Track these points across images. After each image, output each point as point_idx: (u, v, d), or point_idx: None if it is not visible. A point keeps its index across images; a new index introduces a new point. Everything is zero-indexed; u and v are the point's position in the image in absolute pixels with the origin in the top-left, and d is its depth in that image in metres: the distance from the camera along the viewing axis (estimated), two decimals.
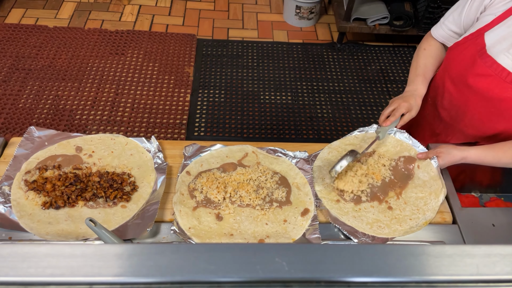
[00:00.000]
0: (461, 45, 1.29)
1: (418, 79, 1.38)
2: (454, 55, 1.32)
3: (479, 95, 1.27)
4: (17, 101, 2.85)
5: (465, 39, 1.27)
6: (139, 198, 1.20)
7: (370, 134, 1.42)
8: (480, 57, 1.20)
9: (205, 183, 1.23)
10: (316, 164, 1.34)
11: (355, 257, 0.36)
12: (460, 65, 1.30)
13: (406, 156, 1.35)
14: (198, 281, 0.33)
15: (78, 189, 1.17)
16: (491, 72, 1.20)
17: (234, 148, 1.37)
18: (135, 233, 1.10)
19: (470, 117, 1.36)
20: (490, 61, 1.19)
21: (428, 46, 1.44)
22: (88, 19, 3.57)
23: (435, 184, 1.26)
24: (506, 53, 1.17)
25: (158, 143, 1.33)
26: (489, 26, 1.19)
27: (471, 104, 1.33)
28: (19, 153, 1.27)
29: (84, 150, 1.31)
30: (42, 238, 1.09)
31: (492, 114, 1.31)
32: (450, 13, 1.36)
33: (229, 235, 1.14)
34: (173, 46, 3.40)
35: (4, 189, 1.18)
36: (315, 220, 1.17)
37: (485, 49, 1.19)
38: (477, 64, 1.22)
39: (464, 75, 1.28)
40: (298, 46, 3.56)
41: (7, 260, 0.32)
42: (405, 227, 1.18)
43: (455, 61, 1.32)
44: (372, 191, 1.26)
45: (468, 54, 1.25)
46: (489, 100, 1.26)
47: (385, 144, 1.39)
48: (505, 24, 1.16)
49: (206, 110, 2.97)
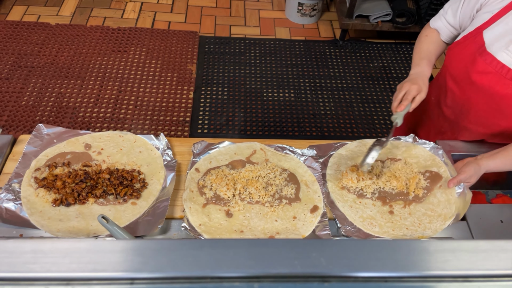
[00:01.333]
0: (460, 43, 1.30)
1: (423, 62, 1.38)
2: (455, 54, 1.33)
3: (481, 92, 1.28)
4: (20, 99, 2.85)
5: (465, 38, 1.28)
6: (149, 195, 1.20)
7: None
8: (480, 55, 1.21)
9: (215, 180, 1.24)
10: (339, 152, 1.36)
11: (391, 252, 0.36)
12: (461, 63, 1.31)
13: (434, 172, 1.30)
14: (237, 277, 0.33)
15: (88, 186, 1.17)
16: (491, 69, 1.21)
17: (242, 145, 1.38)
18: (146, 230, 1.11)
19: (474, 114, 1.37)
20: (489, 58, 1.20)
21: (429, 33, 1.45)
22: (90, 16, 3.56)
23: (448, 208, 1.21)
24: (505, 50, 1.18)
25: (167, 141, 1.33)
26: (487, 24, 1.20)
27: (474, 102, 1.34)
28: (28, 150, 1.27)
29: (93, 148, 1.31)
30: (53, 235, 1.09)
31: (495, 111, 1.32)
32: (449, 6, 1.38)
33: (239, 231, 1.14)
34: (175, 43, 3.39)
35: (14, 186, 1.18)
36: (325, 217, 1.18)
37: (485, 46, 1.20)
38: (477, 62, 1.23)
39: (465, 72, 1.29)
40: (301, 43, 3.55)
41: (48, 255, 0.33)
42: (397, 233, 1.16)
43: (455, 59, 1.33)
44: (380, 193, 1.26)
45: (468, 52, 1.26)
46: (491, 97, 1.27)
47: (416, 155, 1.35)
48: (502, 21, 1.17)
49: (209, 107, 2.97)
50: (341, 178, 1.27)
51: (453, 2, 1.37)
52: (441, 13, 1.42)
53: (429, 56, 1.41)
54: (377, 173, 1.27)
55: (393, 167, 1.30)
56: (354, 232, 1.16)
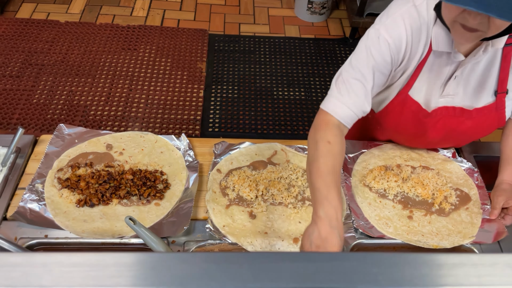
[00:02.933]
0: (391, 111, 1.21)
1: (331, 193, 0.95)
2: (394, 122, 1.23)
3: (444, 138, 1.26)
4: (31, 97, 2.85)
5: (392, 105, 1.19)
6: (172, 196, 1.20)
7: None
8: (425, 117, 1.18)
9: (237, 181, 1.23)
10: (372, 151, 1.36)
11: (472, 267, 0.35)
12: (408, 128, 1.24)
13: (464, 193, 1.26)
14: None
15: (112, 187, 1.17)
16: (441, 117, 1.18)
17: (262, 146, 1.37)
18: (171, 231, 1.11)
19: (438, 146, 1.38)
20: (434, 113, 1.18)
21: (332, 137, 1.03)
22: (99, 14, 3.55)
23: (470, 229, 1.18)
24: (441, 96, 1.15)
25: (189, 141, 1.33)
26: (409, 86, 1.14)
27: (441, 143, 1.33)
28: (50, 150, 1.27)
29: (114, 148, 1.31)
30: (78, 235, 1.09)
31: (458, 142, 1.34)
32: (353, 95, 1.06)
33: (263, 233, 1.14)
34: (185, 41, 3.38)
35: (38, 186, 1.18)
36: (348, 219, 1.18)
37: (423, 108, 1.17)
38: (425, 123, 1.20)
39: (418, 133, 1.25)
40: (310, 41, 3.54)
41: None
42: (411, 237, 1.15)
43: (399, 126, 1.25)
44: (403, 197, 1.24)
45: (409, 118, 1.19)
46: (456, 137, 1.27)
47: (450, 170, 1.32)
48: (420, 78, 1.13)
49: (219, 106, 2.96)
50: (366, 176, 1.27)
51: (352, 89, 1.06)
52: (345, 103, 1.06)
53: (337, 182, 0.99)
54: (405, 177, 1.27)
55: (423, 174, 1.27)
56: (367, 229, 1.15)
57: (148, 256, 0.35)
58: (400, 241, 1.14)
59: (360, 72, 1.05)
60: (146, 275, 0.32)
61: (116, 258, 0.33)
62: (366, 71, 1.05)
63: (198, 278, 0.34)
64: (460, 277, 0.34)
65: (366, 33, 1.10)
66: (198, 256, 0.38)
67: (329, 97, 1.09)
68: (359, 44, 1.11)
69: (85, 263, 0.31)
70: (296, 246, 1.10)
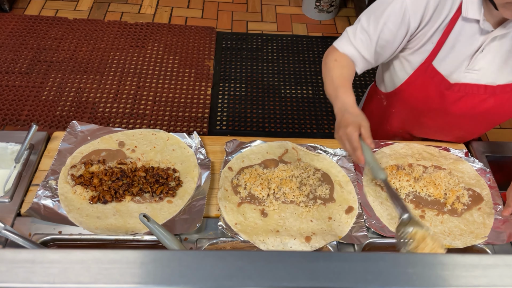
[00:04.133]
0: (413, 82, 1.21)
1: (340, 91, 1.13)
2: (414, 94, 1.24)
3: (462, 117, 1.25)
4: (40, 93, 2.86)
5: (415, 76, 1.20)
6: (184, 193, 1.21)
7: None
8: (447, 89, 1.17)
9: (249, 179, 1.24)
10: (383, 150, 1.36)
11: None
12: (428, 102, 1.24)
13: (476, 193, 1.25)
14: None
15: (125, 184, 1.18)
16: (463, 94, 1.17)
17: (273, 144, 1.37)
18: (183, 228, 1.11)
19: (457, 132, 1.36)
20: (457, 87, 1.17)
21: (339, 57, 1.20)
22: (108, 11, 3.56)
23: (483, 229, 1.17)
24: (466, 70, 1.14)
25: (200, 139, 1.33)
26: (433, 55, 1.13)
27: (456, 124, 1.32)
28: (63, 147, 1.28)
29: (126, 145, 1.31)
30: (92, 232, 1.10)
31: (480, 126, 1.32)
32: (359, 35, 1.17)
33: (275, 231, 1.14)
34: (192, 39, 3.39)
35: (51, 183, 1.19)
36: (360, 218, 1.18)
37: (446, 79, 1.16)
38: (446, 96, 1.18)
39: (438, 108, 1.24)
40: (318, 39, 3.53)
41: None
42: None
43: (419, 100, 1.25)
44: (415, 197, 1.24)
45: (431, 90, 1.19)
46: (473, 117, 1.25)
47: (462, 170, 1.31)
48: (446, 47, 1.12)
49: (227, 103, 2.97)
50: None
51: (361, 32, 1.17)
52: (350, 39, 1.19)
53: (344, 82, 1.15)
54: (416, 177, 1.26)
55: (435, 174, 1.26)
56: (379, 228, 1.15)
57: (184, 254, 0.35)
58: None
59: (371, 25, 1.14)
60: (188, 273, 0.32)
61: (153, 255, 0.33)
62: (375, 27, 1.14)
63: (233, 275, 0.35)
64: (495, 278, 0.34)
65: None
66: (231, 254, 0.39)
67: (341, 38, 1.23)
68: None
69: (122, 260, 0.31)
70: (308, 245, 1.11)
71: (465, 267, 0.35)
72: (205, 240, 1.12)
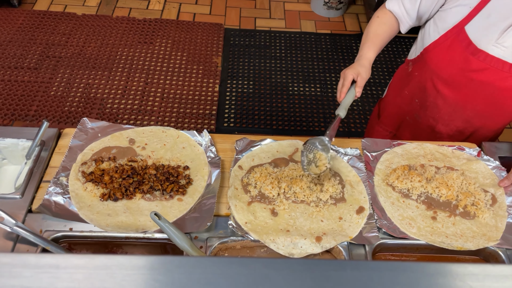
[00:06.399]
0: (441, 43, 1.23)
1: (366, 45, 1.31)
2: (439, 56, 1.26)
3: (480, 90, 1.25)
4: (49, 89, 2.87)
5: (445, 37, 1.22)
6: (194, 191, 1.20)
7: None
8: (472, 54, 1.17)
9: (259, 178, 1.23)
10: (395, 150, 1.36)
11: None
12: (451, 65, 1.24)
13: (490, 193, 1.23)
14: None
15: (136, 182, 1.18)
16: (486, 65, 1.17)
17: (284, 143, 1.37)
18: (194, 226, 1.11)
19: (469, 113, 1.35)
20: (483, 55, 1.16)
21: (382, 14, 1.36)
22: (116, 7, 3.56)
23: (495, 232, 1.15)
24: (495, 44, 1.14)
25: (211, 137, 1.33)
26: (467, 19, 1.14)
27: (470, 101, 1.31)
28: (73, 144, 1.28)
29: (137, 143, 1.31)
30: (103, 229, 1.10)
31: (494, 107, 1.30)
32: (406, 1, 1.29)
33: (286, 231, 1.14)
34: (200, 36, 3.38)
35: (62, 180, 1.20)
36: (371, 218, 1.17)
37: (474, 44, 1.16)
38: (471, 61, 1.19)
39: (459, 73, 1.24)
40: (326, 36, 3.51)
41: None
42: (435, 239, 1.13)
43: (443, 62, 1.26)
44: (427, 198, 1.23)
45: (456, 53, 1.21)
46: (490, 94, 1.24)
47: (476, 170, 1.29)
48: (482, 15, 1.12)
49: (235, 100, 2.96)
50: (389, 175, 1.26)
51: None
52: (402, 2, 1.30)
53: (373, 38, 1.32)
54: (428, 177, 1.25)
55: (447, 175, 1.25)
56: (390, 229, 1.14)
57: (207, 260, 0.35)
58: (423, 242, 1.13)
59: None
60: (213, 279, 0.32)
61: (178, 261, 0.32)
62: None
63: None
64: None
65: None
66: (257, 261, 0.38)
67: None
68: None
69: (146, 266, 0.31)
70: (318, 245, 1.10)
71: (496, 277, 0.34)
72: (215, 238, 1.11)
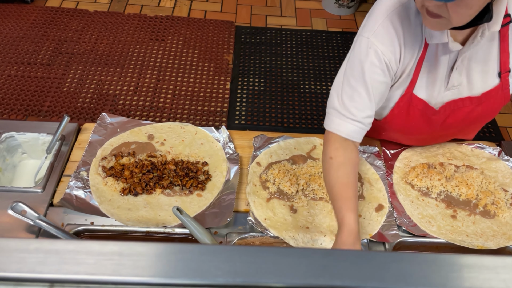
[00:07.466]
0: (397, 115, 1.17)
1: (341, 208, 1.00)
2: (401, 124, 1.21)
3: (453, 127, 1.24)
4: (62, 85, 2.89)
5: (398, 108, 1.15)
6: (213, 187, 1.21)
7: None
8: (434, 115, 1.15)
9: (277, 175, 1.23)
10: (414, 148, 1.35)
11: None
12: (418, 130, 1.22)
13: (510, 193, 1.23)
14: None
15: (156, 177, 1.19)
16: (450, 111, 1.15)
17: (301, 140, 1.37)
18: (213, 222, 1.12)
19: (454, 130, 1.33)
20: (443, 109, 1.15)
21: (333, 151, 1.06)
22: (128, 4, 3.57)
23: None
24: (446, 90, 1.12)
25: (229, 133, 1.33)
26: (412, 84, 1.11)
27: (445, 136, 1.32)
28: (93, 139, 1.29)
29: (155, 138, 1.32)
30: (124, 224, 1.11)
31: (475, 125, 1.30)
32: (348, 100, 1.05)
33: (305, 228, 1.14)
34: (211, 33, 3.38)
35: (82, 174, 1.21)
36: (391, 216, 1.17)
37: (430, 105, 1.14)
38: (435, 120, 1.17)
39: (428, 132, 1.23)
40: (338, 35, 3.50)
41: None
42: (455, 237, 1.13)
43: (406, 129, 1.23)
44: (446, 196, 1.22)
45: (417, 120, 1.17)
46: (464, 125, 1.24)
47: (495, 169, 1.29)
48: (423, 73, 1.09)
49: (246, 98, 2.96)
50: (408, 173, 1.25)
51: (350, 99, 1.05)
52: (342, 113, 1.06)
53: (341, 193, 1.02)
54: (448, 176, 1.25)
55: (467, 174, 1.24)
56: (409, 227, 1.14)
57: (235, 250, 0.35)
58: (443, 241, 1.12)
59: (357, 88, 1.04)
60: (238, 266, 0.32)
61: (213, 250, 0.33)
62: (363, 86, 1.03)
63: None
64: None
65: (357, 43, 1.04)
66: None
67: (329, 116, 1.10)
68: (350, 55, 1.06)
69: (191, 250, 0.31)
70: None
71: None
72: (235, 234, 1.12)
